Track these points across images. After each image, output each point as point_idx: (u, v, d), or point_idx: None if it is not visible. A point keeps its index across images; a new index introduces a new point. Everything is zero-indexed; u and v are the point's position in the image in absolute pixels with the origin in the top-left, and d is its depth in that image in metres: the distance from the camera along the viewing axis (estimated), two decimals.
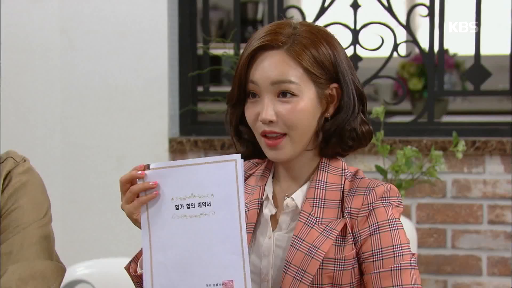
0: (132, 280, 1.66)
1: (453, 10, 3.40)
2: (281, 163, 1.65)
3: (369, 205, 1.58)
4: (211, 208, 1.54)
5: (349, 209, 1.58)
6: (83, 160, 3.34)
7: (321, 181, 1.62)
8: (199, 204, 1.54)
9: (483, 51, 3.23)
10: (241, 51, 1.66)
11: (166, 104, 3.29)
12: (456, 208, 3.16)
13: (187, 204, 1.54)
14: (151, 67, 3.29)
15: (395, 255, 1.56)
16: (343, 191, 1.61)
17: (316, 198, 1.60)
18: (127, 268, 1.67)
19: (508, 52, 3.23)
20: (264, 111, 1.58)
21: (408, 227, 2.56)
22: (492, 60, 3.87)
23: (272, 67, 1.57)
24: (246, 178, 1.72)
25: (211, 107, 3.38)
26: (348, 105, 1.60)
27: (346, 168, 1.64)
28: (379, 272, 1.56)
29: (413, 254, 1.59)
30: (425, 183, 2.91)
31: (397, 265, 1.55)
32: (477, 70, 3.23)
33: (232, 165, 1.53)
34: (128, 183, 1.56)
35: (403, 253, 1.56)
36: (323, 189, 1.61)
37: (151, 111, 3.29)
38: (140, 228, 1.58)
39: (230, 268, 1.53)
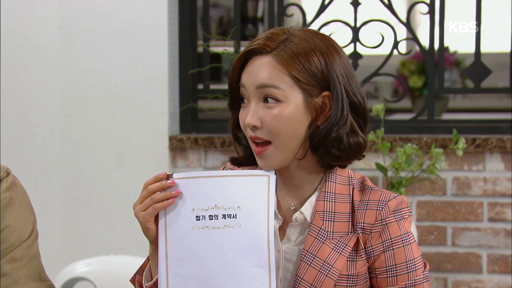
0: None
1: (453, 7, 3.39)
2: (278, 172, 1.63)
3: (383, 220, 1.57)
4: (236, 220, 1.51)
5: (362, 224, 1.58)
6: (83, 157, 3.34)
7: (330, 192, 1.60)
8: (223, 216, 1.51)
9: (484, 49, 3.23)
10: (241, 48, 1.66)
11: (166, 101, 3.29)
12: (456, 205, 3.16)
13: (210, 215, 1.52)
14: (151, 64, 3.28)
15: (408, 271, 1.57)
16: (352, 203, 1.60)
17: (326, 211, 1.59)
18: (132, 281, 1.65)
19: (508, 50, 3.23)
20: (249, 116, 1.56)
21: None
22: (492, 58, 3.88)
23: (258, 70, 1.55)
24: None
25: (211, 104, 3.37)
26: (335, 114, 1.56)
27: (352, 176, 1.63)
28: None
29: (425, 266, 1.60)
30: (426, 180, 2.91)
31: (411, 281, 1.57)
32: (477, 67, 3.23)
33: (265, 179, 1.52)
34: (155, 192, 1.53)
35: (416, 268, 1.58)
36: (332, 201, 1.59)
37: (151, 108, 3.29)
38: (149, 239, 1.55)
39: (255, 281, 1.51)
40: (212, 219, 1.52)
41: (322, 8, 3.27)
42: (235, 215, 1.51)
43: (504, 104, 5.17)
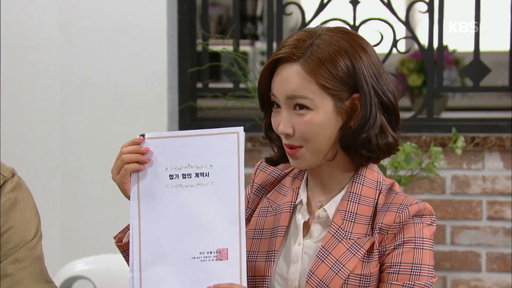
0: (120, 251, 1.67)
1: (452, 6, 3.39)
2: (309, 170, 1.66)
3: (401, 223, 1.58)
4: (209, 178, 1.55)
5: (380, 224, 1.58)
6: (82, 156, 3.34)
7: (355, 193, 1.61)
8: (196, 174, 1.55)
9: (483, 48, 3.23)
10: (240, 47, 1.68)
11: (165, 100, 3.29)
12: (455, 204, 3.16)
13: (183, 174, 1.55)
14: (150, 63, 3.28)
15: (412, 273, 1.57)
16: (376, 206, 1.61)
17: (348, 211, 1.60)
18: (115, 237, 1.68)
19: (507, 49, 3.22)
20: (281, 124, 1.59)
21: None
22: (491, 57, 3.87)
23: (286, 81, 1.57)
24: (282, 178, 1.73)
25: (210, 103, 3.37)
26: (364, 116, 1.57)
27: (381, 181, 1.64)
28: (390, 283, 1.57)
29: (433, 278, 1.59)
30: (425, 179, 2.91)
31: (410, 283, 1.56)
32: (476, 66, 3.23)
33: (234, 137, 1.55)
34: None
35: (420, 274, 1.57)
36: (356, 203, 1.61)
37: (150, 107, 3.29)
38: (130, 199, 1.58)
39: (226, 236, 1.55)
40: (185, 177, 1.55)
41: (321, 6, 3.27)
42: (208, 174, 1.55)
43: (503, 103, 5.16)
